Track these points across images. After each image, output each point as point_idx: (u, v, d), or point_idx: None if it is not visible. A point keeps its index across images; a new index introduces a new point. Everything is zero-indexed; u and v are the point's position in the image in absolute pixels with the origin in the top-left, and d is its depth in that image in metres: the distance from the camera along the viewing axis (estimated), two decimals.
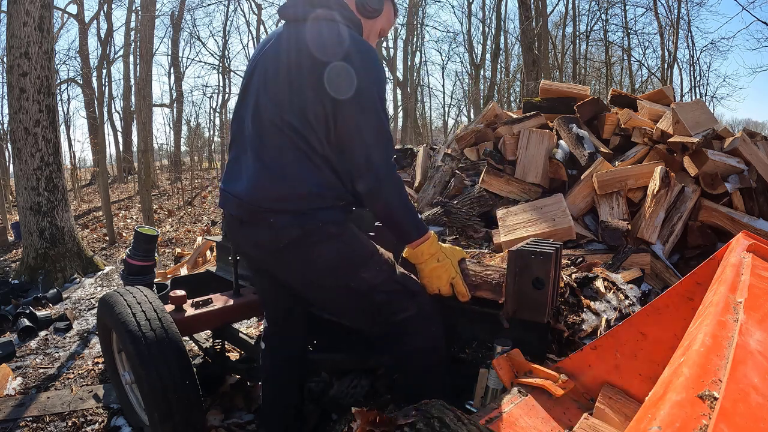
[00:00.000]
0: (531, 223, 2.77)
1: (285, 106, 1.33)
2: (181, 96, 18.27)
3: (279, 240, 1.36)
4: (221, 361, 2.32)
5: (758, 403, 0.53)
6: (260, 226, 1.37)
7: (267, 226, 1.36)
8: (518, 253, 1.47)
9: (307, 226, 1.34)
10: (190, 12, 19.95)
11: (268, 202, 1.34)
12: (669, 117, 3.27)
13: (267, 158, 1.35)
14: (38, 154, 4.84)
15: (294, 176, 1.33)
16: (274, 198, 1.34)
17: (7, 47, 4.82)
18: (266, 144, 1.36)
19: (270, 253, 1.41)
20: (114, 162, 18.59)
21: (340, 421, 1.83)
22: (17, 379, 2.73)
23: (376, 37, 1.57)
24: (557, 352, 1.59)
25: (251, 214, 1.37)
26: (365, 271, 1.41)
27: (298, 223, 1.33)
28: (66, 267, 4.98)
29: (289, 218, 1.33)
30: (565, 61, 18.98)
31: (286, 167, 1.33)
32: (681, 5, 15.70)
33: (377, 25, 1.54)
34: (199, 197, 11.88)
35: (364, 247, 1.44)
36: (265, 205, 1.34)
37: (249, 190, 1.37)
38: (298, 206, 1.33)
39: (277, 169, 1.34)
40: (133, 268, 2.92)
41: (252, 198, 1.36)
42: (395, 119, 14.35)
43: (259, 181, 1.36)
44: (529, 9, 10.81)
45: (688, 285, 1.19)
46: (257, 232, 1.39)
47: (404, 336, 1.46)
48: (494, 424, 1.07)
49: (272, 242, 1.37)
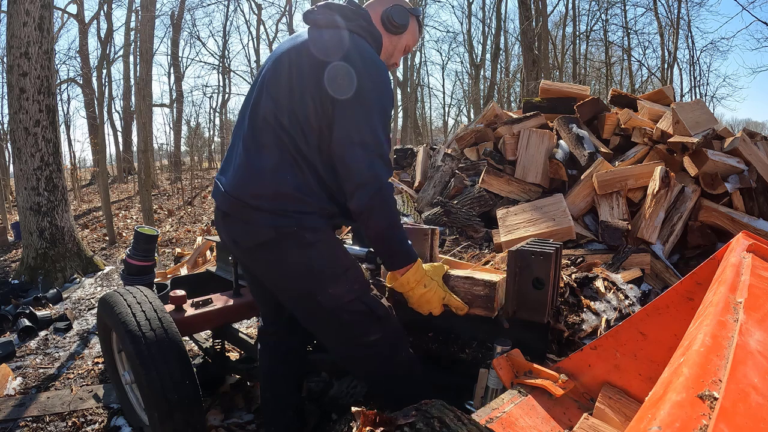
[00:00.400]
0: (531, 223, 2.77)
1: (281, 106, 1.32)
2: (181, 96, 18.27)
3: (252, 239, 1.35)
4: (221, 361, 2.32)
5: (758, 403, 0.53)
6: (238, 223, 1.37)
7: (243, 222, 1.35)
8: (518, 253, 1.47)
9: (282, 228, 1.31)
10: (190, 12, 19.97)
11: (247, 197, 1.33)
12: (669, 117, 3.27)
13: (253, 154, 1.34)
14: (38, 154, 4.84)
15: (276, 175, 1.31)
16: (253, 194, 1.33)
17: (7, 47, 4.82)
18: (256, 140, 1.35)
19: (244, 251, 1.41)
20: (114, 162, 18.60)
21: (340, 421, 1.84)
22: (17, 379, 2.73)
23: (401, 53, 1.55)
24: (557, 352, 1.59)
25: (232, 207, 1.37)
26: (334, 286, 1.36)
27: (273, 223, 1.31)
28: (66, 267, 4.98)
29: (265, 217, 1.32)
30: (565, 61, 18.99)
31: (269, 165, 1.31)
32: (681, 5, 15.72)
33: (402, 41, 1.52)
34: (199, 197, 11.88)
35: (337, 260, 1.38)
36: (244, 199, 1.34)
37: (232, 183, 1.37)
38: (275, 206, 1.31)
39: (260, 166, 1.32)
40: (133, 268, 2.92)
41: (234, 191, 1.36)
42: (395, 119, 14.35)
43: (242, 175, 1.35)
44: (529, 9, 10.81)
45: (688, 285, 1.19)
46: (234, 228, 1.39)
47: (369, 360, 1.44)
48: (494, 424, 1.07)
49: (246, 241, 1.37)
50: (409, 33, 1.53)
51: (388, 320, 1.44)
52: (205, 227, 7.83)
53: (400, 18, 1.46)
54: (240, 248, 1.42)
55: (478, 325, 1.63)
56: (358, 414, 0.82)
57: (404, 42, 1.53)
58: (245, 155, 1.36)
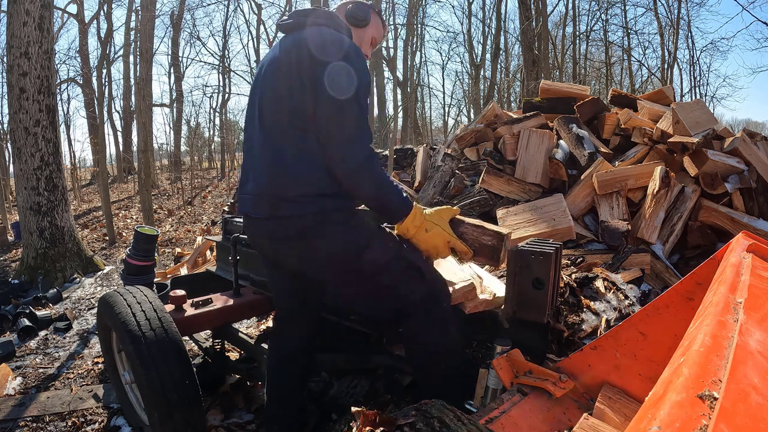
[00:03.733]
0: (531, 223, 2.77)
1: (281, 107, 1.42)
2: (181, 96, 18.26)
3: (290, 231, 1.43)
4: (221, 361, 2.32)
5: (758, 403, 0.53)
6: (272, 219, 1.45)
7: (277, 218, 1.43)
8: (518, 253, 1.47)
9: (314, 215, 1.40)
10: (190, 12, 19.92)
11: (277, 191, 1.42)
12: (669, 117, 3.27)
13: (271, 154, 1.44)
14: (38, 154, 4.83)
15: (295, 168, 1.40)
16: (281, 188, 1.42)
17: (7, 47, 4.82)
18: (270, 141, 1.45)
19: (280, 242, 1.48)
20: (114, 162, 18.59)
21: (340, 421, 1.84)
22: (17, 378, 2.73)
23: (369, 46, 1.70)
24: (557, 352, 1.60)
25: (264, 206, 1.45)
26: (369, 252, 1.45)
27: (304, 211, 1.40)
28: (66, 267, 4.98)
29: (297, 207, 1.40)
30: (565, 61, 18.98)
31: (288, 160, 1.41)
32: (681, 5, 15.72)
33: (367, 34, 1.68)
34: (199, 197, 11.88)
35: (366, 229, 1.50)
36: (274, 193, 1.43)
37: (260, 183, 1.47)
38: (303, 195, 1.40)
39: (281, 163, 1.42)
40: (133, 267, 2.92)
41: (263, 189, 1.45)
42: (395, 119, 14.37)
43: (268, 174, 1.45)
44: (529, 9, 10.81)
45: (688, 285, 1.19)
46: (267, 225, 1.47)
47: (413, 320, 1.47)
48: (494, 424, 1.07)
49: (283, 234, 1.45)
50: (372, 27, 1.69)
51: (431, 274, 1.50)
52: (205, 227, 7.83)
53: (360, 12, 1.63)
54: (276, 242, 1.49)
55: (478, 325, 1.63)
56: (358, 414, 0.82)
57: (369, 34, 1.69)
58: (263, 157, 1.46)
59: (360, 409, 0.82)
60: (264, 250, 1.62)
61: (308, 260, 1.50)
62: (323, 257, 1.47)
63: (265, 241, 1.54)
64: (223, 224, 2.52)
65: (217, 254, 2.77)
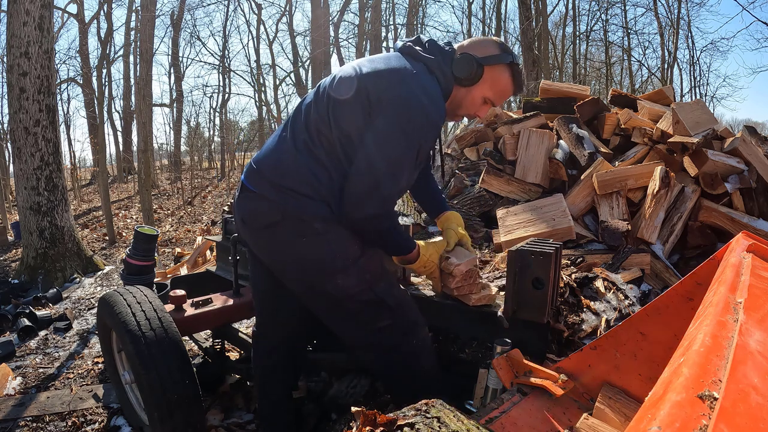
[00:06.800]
0: (531, 223, 2.77)
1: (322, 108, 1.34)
2: (181, 96, 18.25)
3: (259, 219, 1.38)
4: (221, 361, 2.32)
5: (758, 403, 0.53)
6: (248, 199, 1.40)
7: (255, 199, 1.38)
8: (518, 253, 1.47)
9: (289, 212, 1.33)
10: (190, 12, 19.88)
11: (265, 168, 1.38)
12: (669, 117, 3.27)
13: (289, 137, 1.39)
14: (38, 154, 4.83)
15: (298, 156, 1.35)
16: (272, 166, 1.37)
17: (7, 47, 4.82)
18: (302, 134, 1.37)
19: (251, 231, 1.43)
20: (114, 162, 18.58)
21: (340, 421, 1.84)
22: (17, 378, 2.73)
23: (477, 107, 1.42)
24: (557, 352, 1.60)
25: (250, 176, 1.41)
26: (343, 278, 1.38)
27: (281, 203, 1.33)
28: (66, 267, 4.98)
29: (274, 195, 1.34)
30: (565, 61, 18.98)
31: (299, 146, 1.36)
32: (681, 5, 15.69)
33: (475, 93, 1.39)
34: (199, 197, 11.88)
35: (347, 250, 1.38)
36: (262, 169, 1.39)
37: (259, 155, 1.45)
38: (288, 183, 1.33)
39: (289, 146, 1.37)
40: (133, 267, 2.92)
41: (257, 161, 1.42)
42: None
43: (269, 150, 1.42)
44: (529, 9, 10.81)
45: (688, 285, 1.19)
46: (245, 206, 1.42)
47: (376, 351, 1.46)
48: (494, 424, 1.07)
49: (253, 221, 1.40)
50: (485, 84, 1.37)
51: (401, 309, 1.45)
52: (205, 227, 7.83)
53: (460, 70, 1.34)
54: (248, 228, 1.44)
55: (478, 325, 1.63)
56: (358, 414, 0.82)
57: (479, 93, 1.38)
58: (287, 141, 1.39)
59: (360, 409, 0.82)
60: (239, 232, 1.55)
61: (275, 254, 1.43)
62: (293, 263, 1.40)
63: (239, 223, 1.48)
64: (223, 224, 2.52)
65: (217, 254, 2.77)
